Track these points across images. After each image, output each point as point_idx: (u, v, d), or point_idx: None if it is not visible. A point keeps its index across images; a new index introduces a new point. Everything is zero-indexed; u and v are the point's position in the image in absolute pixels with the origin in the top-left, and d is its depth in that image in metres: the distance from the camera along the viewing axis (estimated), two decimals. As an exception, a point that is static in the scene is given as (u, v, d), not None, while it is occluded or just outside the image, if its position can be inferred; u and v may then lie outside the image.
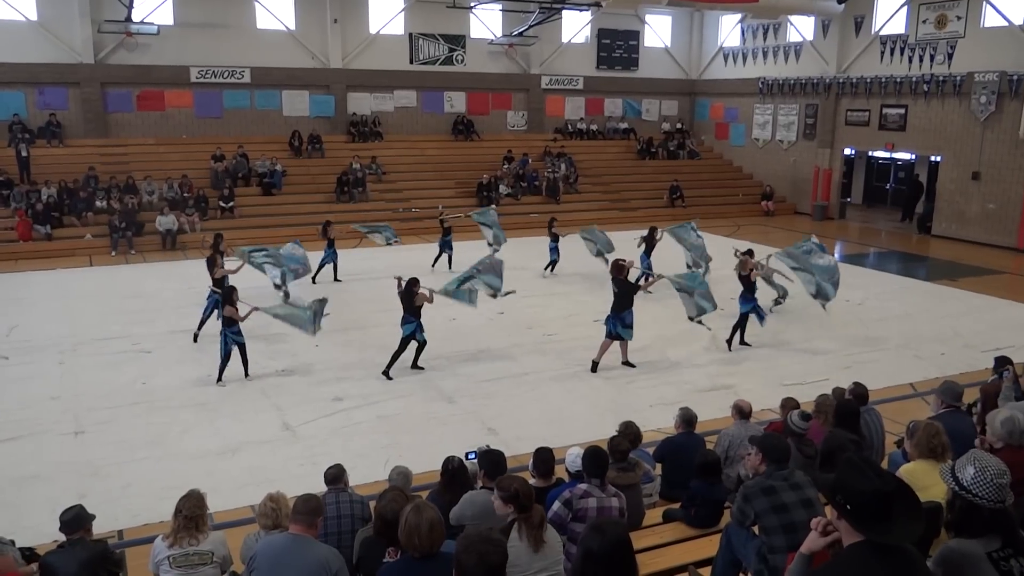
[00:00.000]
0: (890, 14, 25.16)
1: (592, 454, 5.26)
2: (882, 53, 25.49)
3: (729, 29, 31.16)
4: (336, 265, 17.22)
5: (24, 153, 22.12)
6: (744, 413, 7.30)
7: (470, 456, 6.30)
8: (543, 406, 10.43)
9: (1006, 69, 21.72)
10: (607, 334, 11.67)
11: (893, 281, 18.45)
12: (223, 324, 11.04)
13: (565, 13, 28.32)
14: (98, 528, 5.69)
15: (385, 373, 11.29)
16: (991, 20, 22.45)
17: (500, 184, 26.30)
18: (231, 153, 24.52)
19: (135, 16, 23.33)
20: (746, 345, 12.88)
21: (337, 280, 17.16)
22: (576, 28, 30.41)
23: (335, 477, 5.85)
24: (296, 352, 12.41)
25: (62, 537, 5.20)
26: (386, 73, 27.71)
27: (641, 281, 12.06)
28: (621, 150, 30.99)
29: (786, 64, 28.89)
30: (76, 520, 5.19)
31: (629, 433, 6.65)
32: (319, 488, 5.71)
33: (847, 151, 27.71)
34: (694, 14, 31.45)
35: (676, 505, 6.36)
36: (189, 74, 25.15)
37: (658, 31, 31.94)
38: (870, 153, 28.61)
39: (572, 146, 29.73)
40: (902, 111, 24.94)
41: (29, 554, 5.61)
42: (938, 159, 24.64)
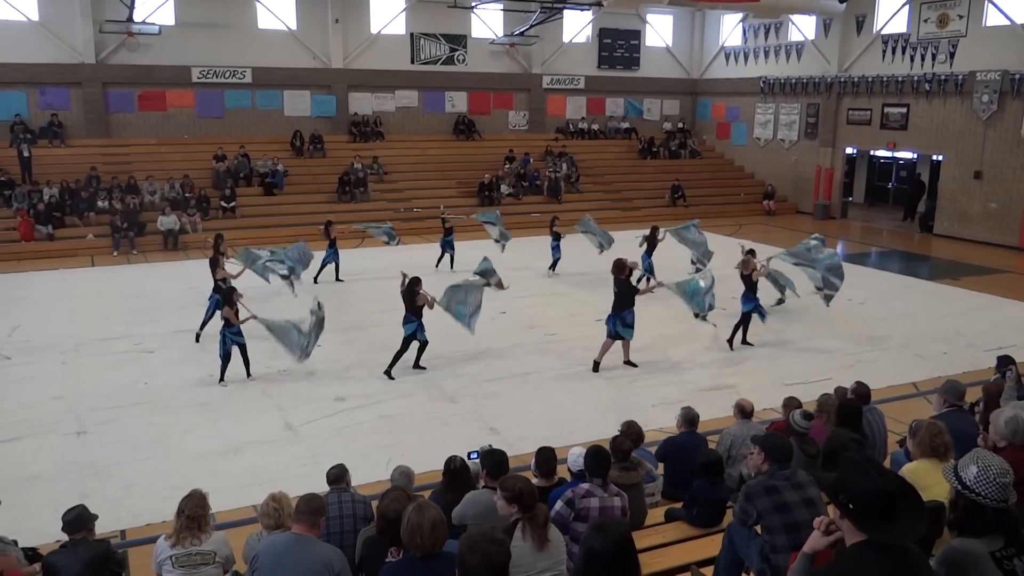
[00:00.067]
0: (892, 13, 25.13)
1: (594, 454, 5.25)
2: (884, 52, 25.47)
3: (730, 28, 31.15)
4: (338, 265, 17.23)
5: (26, 153, 22.15)
6: (746, 412, 7.29)
7: (472, 456, 6.29)
8: (545, 406, 10.42)
9: (1008, 68, 21.69)
10: (608, 334, 11.66)
11: (895, 280, 18.43)
12: (223, 324, 11.06)
13: (566, 13, 28.33)
14: (100, 528, 5.69)
15: (387, 373, 11.29)
16: (993, 19, 22.43)
17: (501, 184, 26.30)
18: (233, 153, 24.54)
19: (136, 16, 23.36)
20: (748, 344, 12.87)
21: (339, 280, 17.18)
22: (577, 28, 30.41)
23: (337, 477, 5.85)
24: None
25: (64, 537, 5.20)
26: (387, 73, 27.72)
27: (641, 284, 12.03)
28: (622, 150, 30.98)
29: (787, 63, 28.86)
30: (78, 520, 5.19)
31: (631, 433, 6.65)
32: (321, 488, 5.71)
33: (849, 150, 27.69)
34: (695, 14, 31.43)
35: (678, 505, 6.36)
36: (190, 74, 25.16)
37: (659, 31, 31.93)
38: (872, 152, 28.58)
39: (573, 146, 29.73)
40: (904, 110, 24.92)
41: (32, 554, 5.61)
42: (940, 158, 24.62)
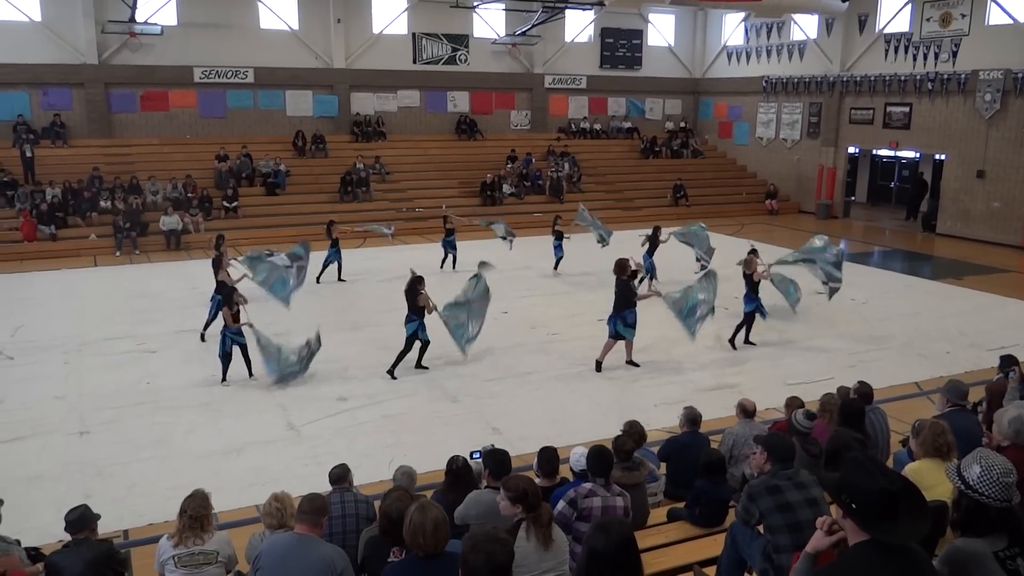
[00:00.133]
0: (894, 12, 25.10)
1: (597, 453, 5.25)
2: (886, 51, 25.43)
3: (733, 28, 31.13)
4: (340, 265, 17.23)
5: (29, 154, 22.18)
6: (748, 412, 7.28)
7: (475, 456, 6.29)
8: (547, 405, 10.42)
9: (1011, 67, 21.66)
10: (610, 334, 11.67)
11: (898, 280, 18.41)
12: (224, 324, 11.09)
13: (568, 12, 28.33)
14: (103, 528, 5.69)
15: (390, 372, 11.30)
16: (996, 18, 22.40)
17: (504, 184, 26.30)
18: (235, 153, 24.56)
19: (139, 16, 23.40)
20: (751, 344, 12.86)
21: (341, 280, 17.19)
22: (579, 27, 30.40)
23: (339, 477, 5.85)
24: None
25: (67, 537, 5.20)
26: (389, 73, 27.73)
27: (643, 285, 11.98)
28: (624, 149, 30.97)
29: (790, 63, 28.84)
30: (81, 520, 5.20)
31: (633, 432, 6.64)
32: (324, 488, 5.71)
33: (851, 149, 27.66)
34: (697, 13, 31.42)
35: (680, 504, 6.35)
36: (193, 74, 25.19)
37: (661, 30, 31.91)
38: (874, 151, 28.56)
39: (575, 145, 29.72)
40: (906, 109, 24.89)
41: (35, 554, 5.62)
42: (943, 157, 24.58)
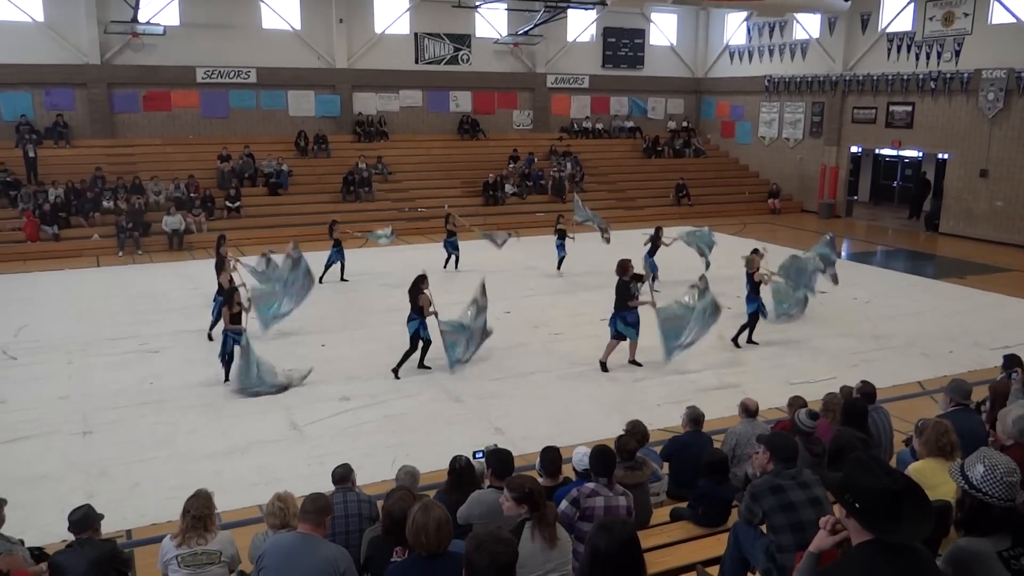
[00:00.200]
0: (897, 11, 25.07)
1: (599, 453, 5.25)
2: (889, 50, 25.40)
3: (735, 27, 31.11)
4: (343, 265, 17.24)
5: (31, 154, 22.21)
6: (751, 412, 7.28)
7: (478, 455, 6.29)
8: (550, 405, 10.41)
9: (1014, 66, 21.63)
10: (612, 335, 11.66)
11: (901, 279, 18.38)
12: (225, 324, 11.11)
13: (570, 12, 28.33)
14: (106, 528, 5.70)
15: (395, 372, 11.31)
16: (999, 17, 22.36)
17: (506, 183, 26.30)
18: (237, 153, 24.58)
19: (141, 17, 23.43)
20: (753, 344, 12.85)
21: (344, 280, 17.19)
22: (581, 27, 30.39)
23: (342, 476, 5.86)
24: (303, 352, 12.44)
25: (71, 537, 5.21)
26: (392, 73, 27.73)
27: (643, 294, 11.82)
28: (627, 149, 30.96)
29: (792, 62, 28.82)
30: (85, 520, 5.20)
31: (636, 432, 6.64)
32: (327, 487, 5.72)
33: (854, 149, 27.63)
34: (700, 12, 31.39)
35: (683, 504, 6.35)
36: (195, 74, 25.21)
37: (664, 29, 31.90)
38: (877, 151, 28.52)
39: (578, 145, 29.71)
40: (909, 109, 24.86)
41: (38, 553, 5.63)
42: (945, 157, 24.54)
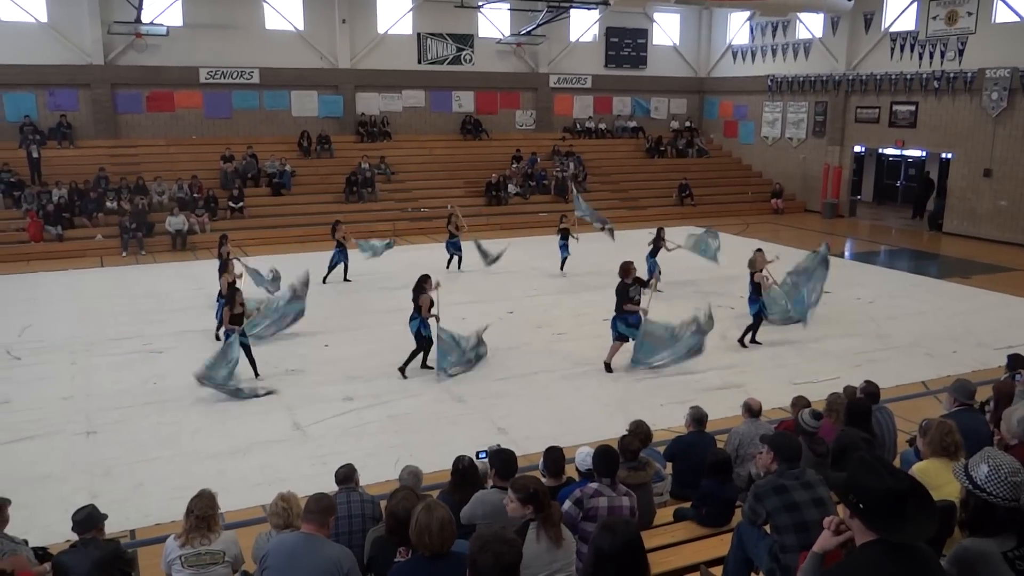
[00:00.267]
0: (900, 10, 25.03)
1: (603, 453, 5.24)
2: (892, 50, 25.36)
3: (738, 27, 31.07)
4: (347, 265, 17.24)
5: (35, 154, 22.25)
6: (754, 412, 7.27)
7: (481, 455, 6.29)
8: (553, 405, 10.41)
9: (1018, 65, 21.58)
10: (614, 336, 11.66)
11: (904, 279, 18.35)
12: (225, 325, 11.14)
13: (573, 12, 28.28)
14: (110, 528, 5.70)
15: (401, 371, 11.34)
16: (1002, 16, 22.31)
17: (509, 183, 26.30)
18: (240, 153, 24.60)
19: (144, 17, 23.45)
20: (757, 344, 12.84)
21: (347, 280, 17.20)
22: (584, 27, 30.37)
23: (346, 476, 5.86)
24: (306, 352, 12.47)
25: (75, 537, 5.22)
26: (394, 73, 27.74)
27: (639, 299, 11.77)
28: (630, 149, 30.94)
29: (795, 61, 28.78)
30: (88, 520, 5.21)
31: (639, 432, 6.64)
32: (330, 488, 5.71)
33: (857, 148, 27.58)
34: (702, 12, 31.36)
35: (687, 504, 6.35)
36: (198, 75, 25.24)
37: (666, 29, 31.87)
38: (880, 150, 28.47)
39: (581, 145, 29.70)
40: (912, 108, 24.82)
41: (42, 553, 5.63)
42: (949, 156, 24.49)
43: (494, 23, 29.03)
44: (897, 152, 27.92)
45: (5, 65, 22.73)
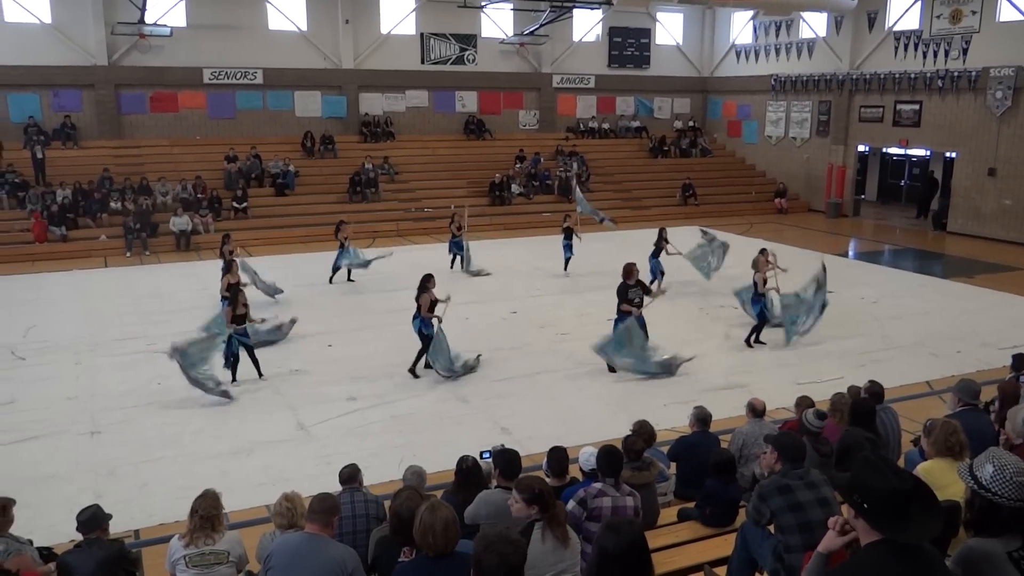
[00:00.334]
0: (904, 9, 24.99)
1: (606, 453, 5.24)
2: (896, 49, 25.31)
3: (741, 26, 31.04)
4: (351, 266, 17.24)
5: (39, 155, 22.30)
6: (758, 412, 7.26)
7: (484, 455, 6.29)
8: (556, 405, 10.41)
9: (1022, 64, 21.52)
10: (617, 337, 11.66)
11: (908, 278, 18.31)
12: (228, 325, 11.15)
13: (576, 12, 28.25)
14: (115, 528, 5.71)
15: (411, 371, 11.35)
16: (1007, 14, 22.26)
17: (512, 183, 26.30)
18: (244, 154, 24.63)
19: (148, 18, 23.45)
20: (761, 344, 12.82)
21: (350, 280, 17.21)
22: (587, 26, 30.36)
23: (350, 476, 5.87)
24: (309, 352, 12.47)
25: (79, 537, 5.22)
26: (398, 73, 27.76)
27: (638, 301, 11.74)
28: (633, 148, 30.92)
29: (799, 61, 28.74)
30: (93, 520, 5.22)
31: (643, 432, 6.63)
32: (334, 487, 5.72)
33: (861, 148, 27.54)
34: (706, 11, 31.33)
35: (691, 504, 6.34)
36: (202, 75, 25.28)
37: (670, 29, 31.85)
38: (884, 150, 28.42)
39: (584, 145, 29.69)
40: (916, 107, 24.77)
41: (47, 553, 5.64)
42: (953, 155, 24.45)
43: (497, 23, 29.04)
44: (901, 151, 27.88)
45: (9, 66, 22.80)
